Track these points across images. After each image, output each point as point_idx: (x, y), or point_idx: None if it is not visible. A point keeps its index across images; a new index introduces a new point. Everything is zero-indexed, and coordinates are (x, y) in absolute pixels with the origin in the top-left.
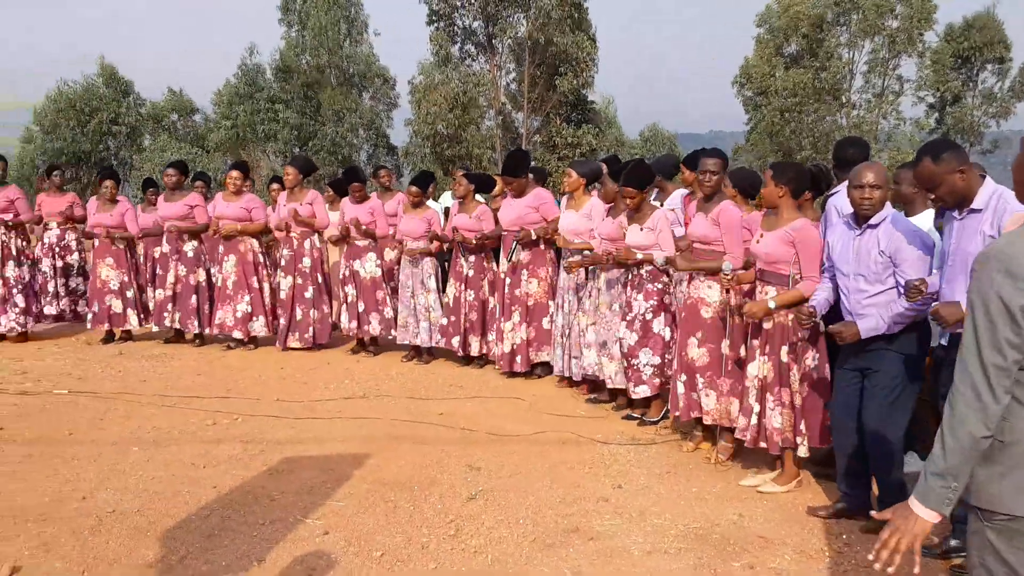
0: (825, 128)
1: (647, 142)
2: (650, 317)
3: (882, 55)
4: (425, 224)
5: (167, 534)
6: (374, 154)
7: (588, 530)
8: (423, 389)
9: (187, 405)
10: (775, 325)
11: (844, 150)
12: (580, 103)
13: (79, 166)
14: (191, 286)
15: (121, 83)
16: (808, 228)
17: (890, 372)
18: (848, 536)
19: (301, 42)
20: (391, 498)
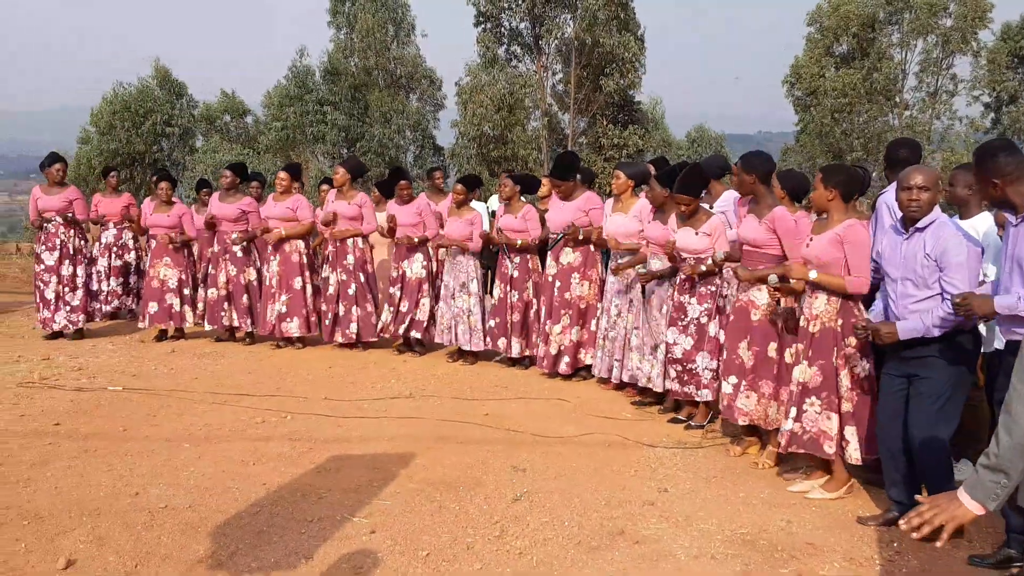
0: (876, 129)
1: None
2: (705, 321)
3: (935, 55)
4: (468, 227)
5: (217, 530)
6: (420, 155)
7: (634, 533)
8: (468, 390)
9: (237, 403)
10: (823, 329)
11: (896, 151)
12: (627, 104)
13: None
14: (241, 285)
15: (175, 85)
16: (857, 228)
17: (937, 378)
18: (899, 544)
19: (349, 44)
20: (437, 498)
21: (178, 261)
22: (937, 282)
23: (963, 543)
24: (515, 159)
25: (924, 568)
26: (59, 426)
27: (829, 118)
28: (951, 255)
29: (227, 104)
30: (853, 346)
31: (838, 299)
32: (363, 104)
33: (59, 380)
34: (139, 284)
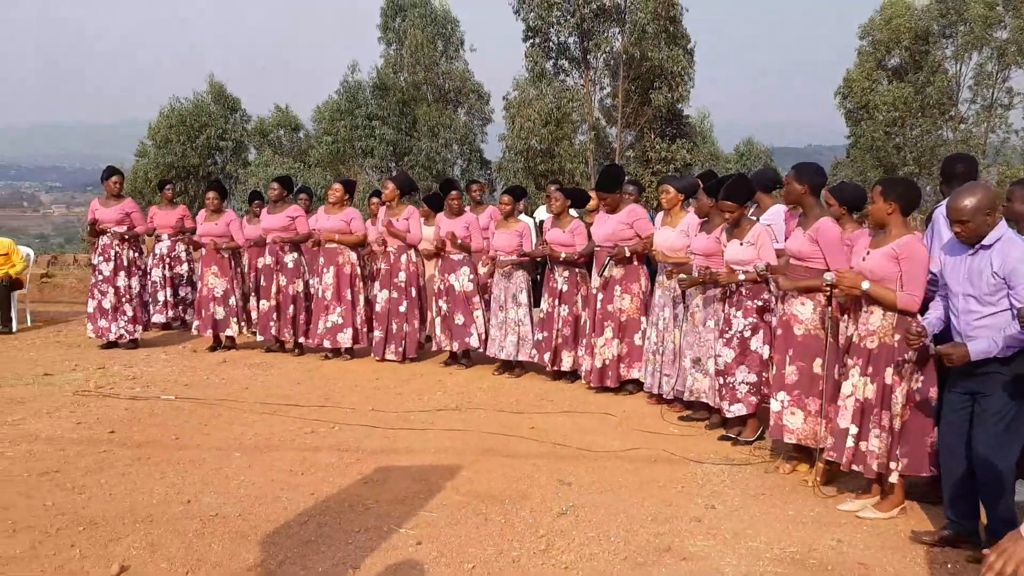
0: (930, 143)
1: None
2: (748, 335)
3: (990, 68)
4: (517, 238)
5: (267, 539)
6: (468, 168)
7: (681, 550)
8: (514, 402)
9: (286, 413)
10: (880, 345)
11: (953, 166)
12: (675, 117)
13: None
14: (290, 296)
15: (229, 100)
16: (915, 244)
17: (1002, 396)
18: (953, 565)
19: (399, 60)
20: (482, 511)
21: (224, 270)
22: (1004, 299)
23: None
24: (562, 173)
25: None
26: (113, 434)
27: (881, 132)
28: (1020, 273)
29: (280, 118)
30: (913, 360)
31: (894, 314)
32: (411, 118)
33: (114, 389)
34: (192, 295)
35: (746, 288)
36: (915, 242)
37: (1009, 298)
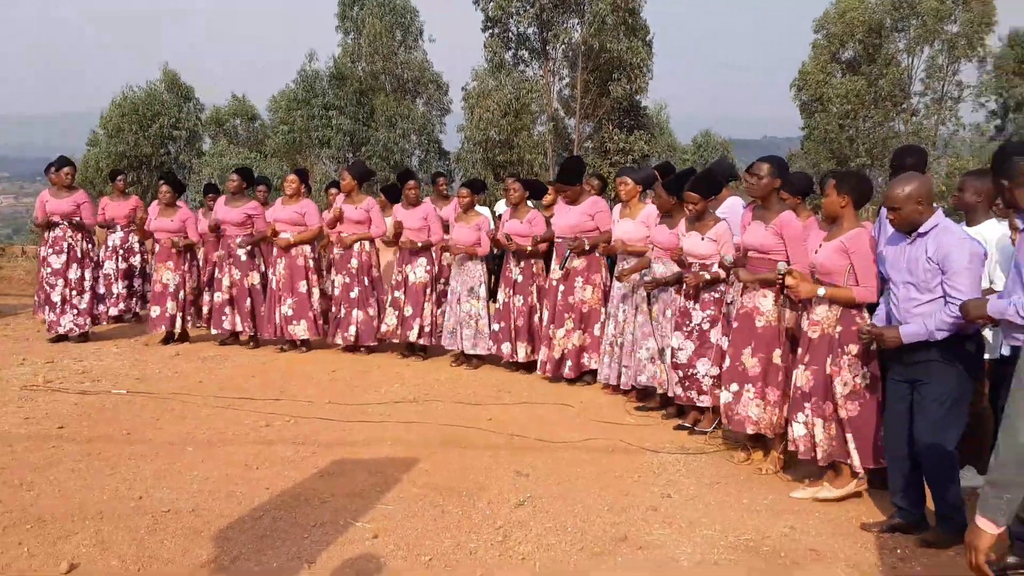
0: (882, 135)
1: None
2: (707, 327)
3: (941, 61)
4: (475, 232)
5: (221, 534)
6: (426, 159)
7: (637, 539)
8: (472, 394)
9: (241, 406)
10: (821, 336)
11: (902, 159)
12: (633, 109)
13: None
14: (245, 289)
15: (182, 89)
16: (863, 236)
17: (941, 384)
18: (903, 551)
19: (357, 49)
20: (440, 503)
21: (179, 265)
22: (939, 286)
23: None
24: (521, 164)
25: (928, 575)
26: (63, 429)
27: (835, 124)
28: (953, 259)
29: (237, 107)
30: (854, 353)
31: (839, 307)
32: (369, 108)
33: (63, 383)
34: (144, 288)
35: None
36: (863, 234)
37: (943, 284)
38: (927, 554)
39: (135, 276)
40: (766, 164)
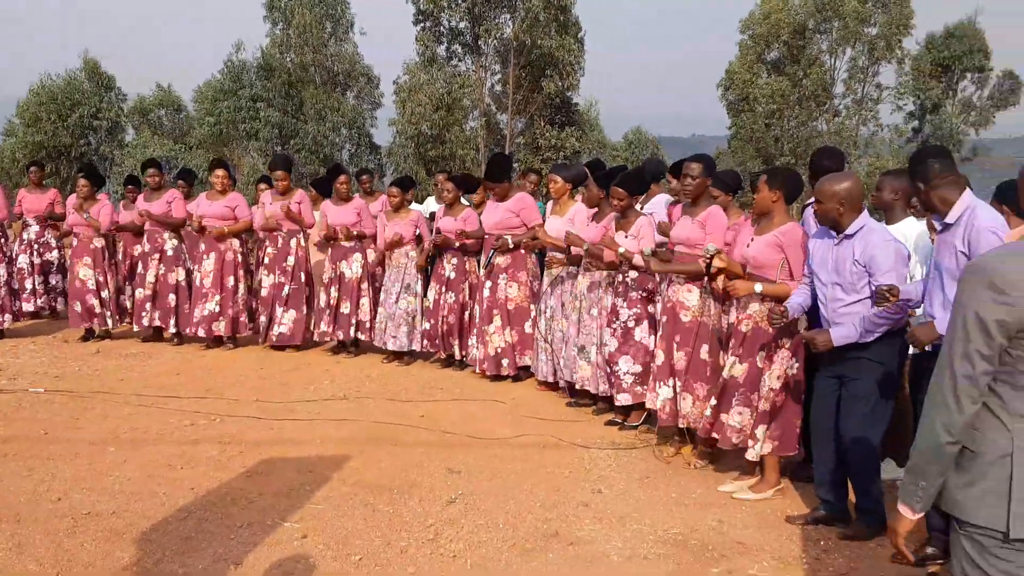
0: (806, 134)
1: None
2: (632, 325)
3: (861, 62)
4: (411, 227)
5: (143, 536)
6: (356, 153)
7: (568, 535)
8: (403, 391)
9: (165, 405)
10: (754, 329)
11: (820, 161)
12: (564, 105)
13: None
14: (170, 285)
15: (103, 78)
16: (796, 230)
17: (867, 381)
18: (826, 543)
19: (285, 40)
20: (370, 501)
21: (97, 261)
22: (866, 286)
23: (887, 541)
24: (453, 159)
25: (850, 566)
26: None
27: (761, 123)
28: (879, 261)
29: (162, 97)
30: (787, 347)
31: (769, 301)
32: (298, 101)
33: None
34: (62, 283)
35: (631, 279)
36: (796, 228)
37: (869, 285)
38: (850, 546)
39: (52, 272)
40: (697, 164)
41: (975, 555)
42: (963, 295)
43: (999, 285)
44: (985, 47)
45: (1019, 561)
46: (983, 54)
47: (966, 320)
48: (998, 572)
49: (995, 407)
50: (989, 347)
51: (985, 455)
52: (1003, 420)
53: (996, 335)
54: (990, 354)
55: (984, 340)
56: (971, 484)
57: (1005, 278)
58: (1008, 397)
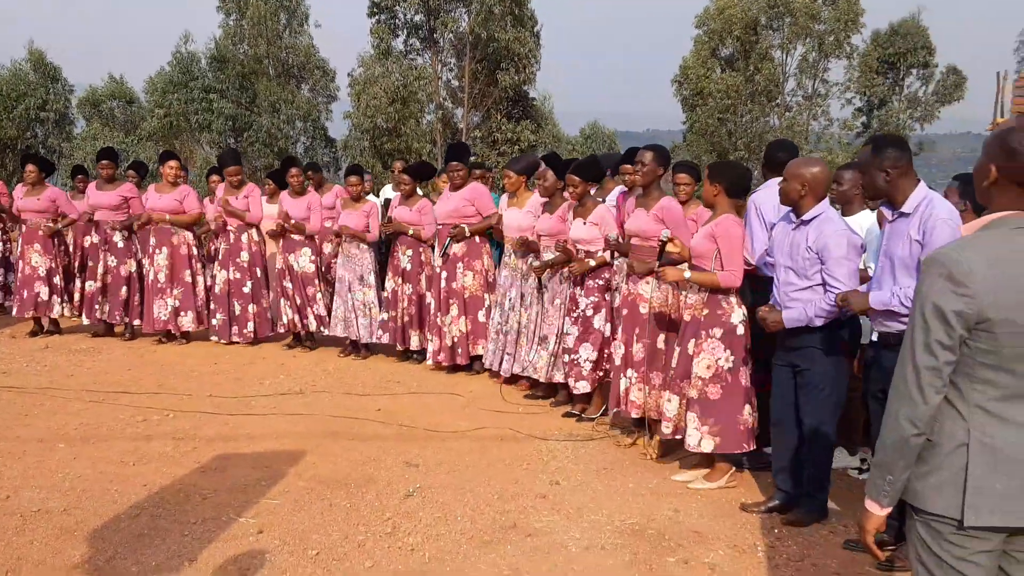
0: (758, 129)
1: (588, 139)
2: (591, 313)
3: (812, 58)
4: (364, 218)
5: (95, 534)
6: (311, 146)
7: (526, 527)
8: (360, 385)
9: (116, 401)
10: (692, 319)
11: (775, 153)
12: (520, 99)
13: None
14: (121, 277)
15: (50, 69)
16: (728, 223)
17: (820, 369)
18: (780, 530)
19: (239, 31)
20: (327, 496)
21: (47, 248)
22: (817, 273)
23: (840, 528)
24: (409, 152)
25: (803, 553)
26: None
27: (714, 118)
28: (831, 249)
29: (113, 88)
30: (717, 337)
31: (706, 292)
32: (252, 93)
33: None
34: (8, 279)
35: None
36: (729, 221)
37: (822, 273)
38: (802, 533)
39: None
40: (649, 152)
41: (930, 542)
42: (923, 286)
43: (957, 277)
44: (929, 43)
45: (973, 547)
46: (927, 50)
47: (925, 311)
48: (952, 558)
49: (953, 398)
50: (950, 337)
51: (943, 445)
52: (960, 410)
53: (956, 326)
54: (951, 344)
55: (944, 331)
56: (928, 473)
57: (963, 270)
58: (965, 388)
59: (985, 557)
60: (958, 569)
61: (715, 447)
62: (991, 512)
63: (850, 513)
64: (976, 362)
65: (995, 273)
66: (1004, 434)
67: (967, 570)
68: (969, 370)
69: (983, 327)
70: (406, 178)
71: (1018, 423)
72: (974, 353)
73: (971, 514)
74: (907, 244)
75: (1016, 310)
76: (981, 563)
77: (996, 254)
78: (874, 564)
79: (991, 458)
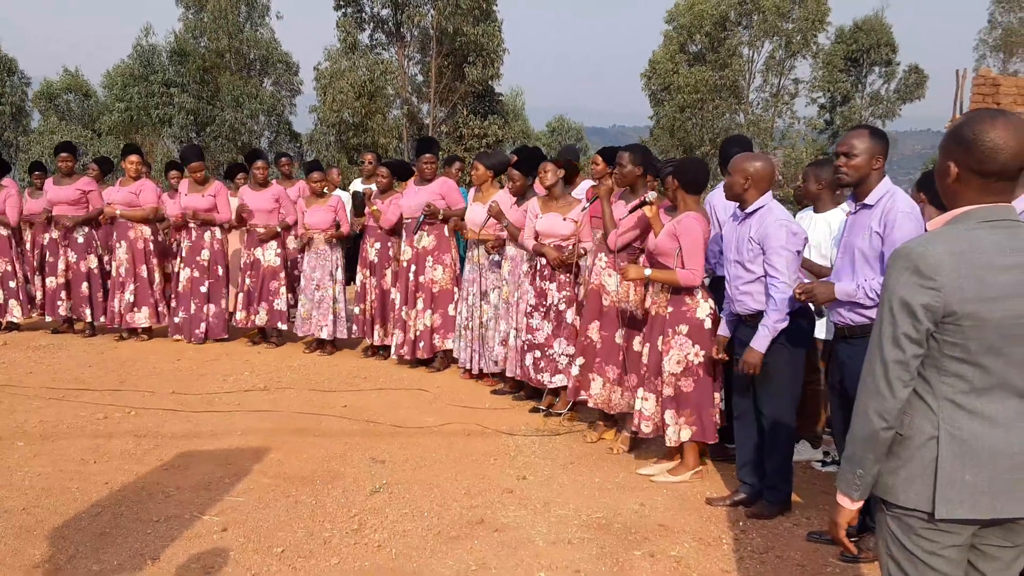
0: (724, 125)
1: (554, 132)
2: (563, 307)
3: (778, 55)
4: (331, 213)
5: (55, 533)
6: (276, 141)
7: (493, 522)
8: (326, 381)
9: (76, 398)
10: (657, 315)
11: (728, 149)
12: (487, 94)
13: None
14: (82, 273)
15: (5, 61)
16: (689, 220)
17: (776, 361)
18: (744, 523)
19: (199, 24)
20: (292, 493)
21: (3, 250)
22: (761, 265)
23: (804, 520)
24: (375, 147)
25: (767, 545)
26: None
27: (681, 113)
28: (771, 239)
29: (70, 82)
30: (684, 333)
31: (669, 289)
32: (213, 87)
33: None
34: None
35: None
36: (690, 219)
37: (763, 263)
38: (767, 526)
39: None
40: (627, 153)
41: (901, 536)
42: (890, 281)
43: (924, 271)
44: (892, 41)
45: (943, 541)
46: (890, 47)
47: (893, 305)
48: (923, 552)
49: (922, 391)
50: (917, 331)
51: (913, 438)
52: (929, 404)
53: (923, 319)
54: (918, 338)
55: (912, 324)
56: (899, 467)
57: (929, 264)
58: (934, 382)
59: (955, 551)
60: (928, 563)
61: (692, 436)
62: (961, 504)
63: (814, 505)
64: (944, 355)
65: (961, 267)
66: (973, 427)
67: (937, 564)
68: (938, 364)
69: (950, 320)
70: (384, 171)
71: (986, 416)
72: (942, 346)
73: (942, 507)
74: (868, 236)
75: (981, 303)
76: (951, 557)
77: (961, 248)
78: (838, 555)
79: (961, 451)
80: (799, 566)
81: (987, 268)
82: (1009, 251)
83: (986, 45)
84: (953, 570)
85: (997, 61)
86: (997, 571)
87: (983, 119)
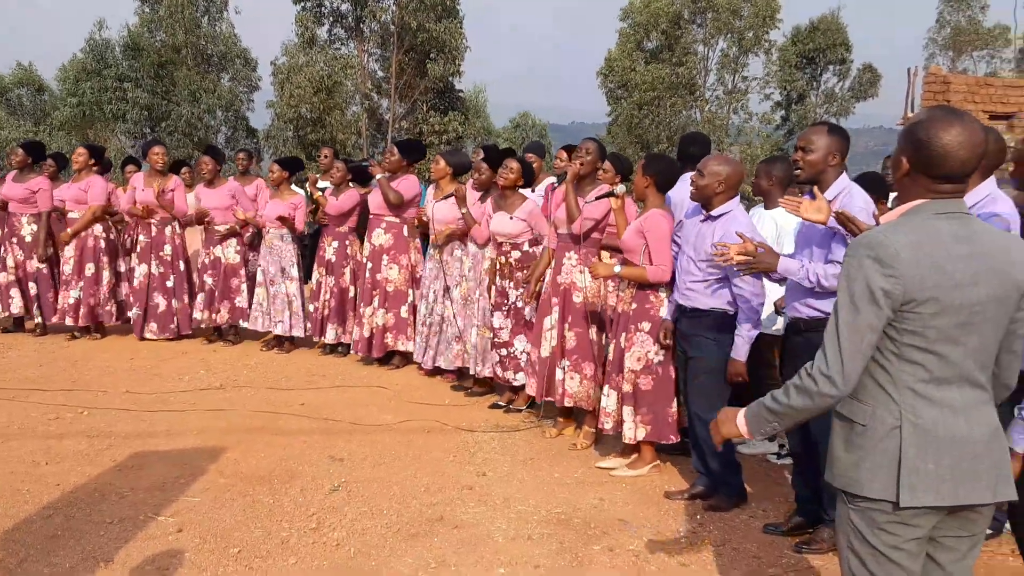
0: (680, 122)
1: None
2: (521, 305)
3: (732, 53)
4: (291, 210)
5: (5, 536)
6: (233, 136)
7: (453, 519)
8: (284, 379)
9: (27, 398)
10: (623, 312)
11: (687, 147)
12: (448, 91)
13: None
14: (30, 272)
15: None
16: (656, 217)
17: (706, 357)
18: (702, 516)
19: (155, 18)
20: (249, 492)
21: None
22: (715, 271)
23: (759, 512)
24: (333, 143)
25: (724, 538)
26: None
27: (639, 111)
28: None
29: (22, 76)
30: (646, 330)
31: (635, 286)
32: (169, 82)
33: None
34: None
35: (515, 260)
36: (657, 215)
37: (727, 269)
38: (724, 518)
39: None
40: (593, 143)
41: (863, 529)
42: (850, 268)
43: (884, 259)
44: (846, 40)
45: (905, 535)
46: (845, 47)
47: (854, 292)
48: (885, 546)
49: (883, 381)
50: (877, 317)
51: (876, 429)
52: (891, 394)
53: (883, 306)
54: (876, 324)
55: (872, 310)
56: (863, 458)
57: (890, 252)
58: (895, 371)
59: (915, 544)
60: (889, 557)
61: (647, 435)
62: (925, 492)
63: (769, 498)
64: (904, 344)
65: (919, 256)
66: (933, 415)
67: (898, 557)
68: (898, 352)
69: (908, 308)
70: (340, 165)
71: (946, 405)
72: (902, 335)
73: (906, 494)
74: (824, 232)
75: (939, 290)
76: (911, 550)
77: (919, 238)
78: (792, 547)
79: (923, 439)
80: (755, 558)
81: (946, 257)
82: (964, 240)
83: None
84: (912, 563)
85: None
86: (953, 562)
87: (939, 122)
